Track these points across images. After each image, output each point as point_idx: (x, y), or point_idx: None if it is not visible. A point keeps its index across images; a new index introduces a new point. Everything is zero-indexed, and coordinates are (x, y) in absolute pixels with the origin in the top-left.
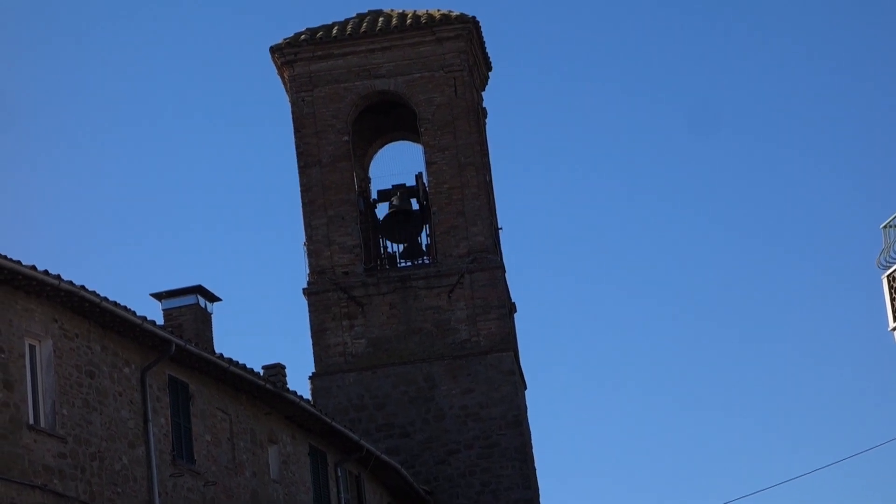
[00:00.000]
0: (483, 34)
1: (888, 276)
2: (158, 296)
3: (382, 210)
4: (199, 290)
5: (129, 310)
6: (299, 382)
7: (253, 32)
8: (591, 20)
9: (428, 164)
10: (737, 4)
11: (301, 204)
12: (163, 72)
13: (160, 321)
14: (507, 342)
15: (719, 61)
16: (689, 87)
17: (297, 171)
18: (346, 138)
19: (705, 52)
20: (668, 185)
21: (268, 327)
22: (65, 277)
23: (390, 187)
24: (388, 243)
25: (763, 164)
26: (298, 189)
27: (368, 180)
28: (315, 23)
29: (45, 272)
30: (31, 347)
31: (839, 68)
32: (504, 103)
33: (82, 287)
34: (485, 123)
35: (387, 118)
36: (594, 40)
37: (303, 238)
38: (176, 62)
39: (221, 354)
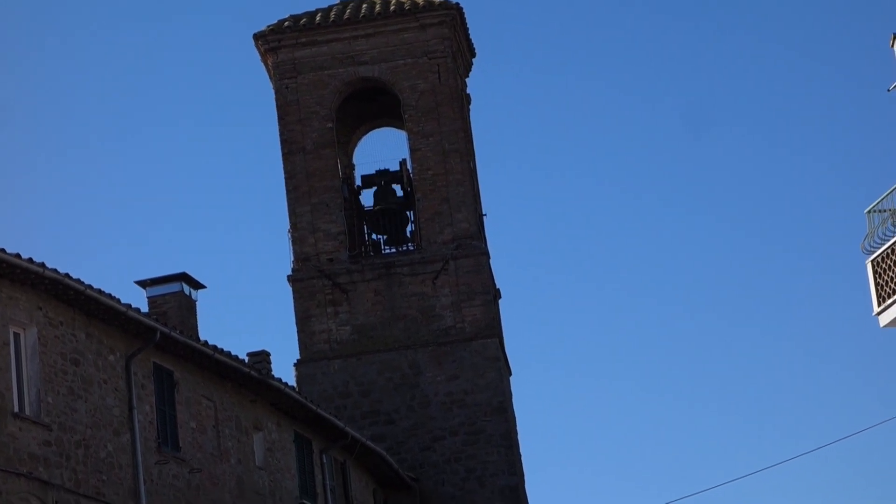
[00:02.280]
0: (467, 20)
1: (873, 261)
2: (143, 283)
3: (367, 197)
4: (183, 277)
5: (114, 297)
6: (284, 369)
7: (236, 19)
8: (576, 5)
9: (412, 150)
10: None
11: (285, 191)
12: (146, 61)
13: (145, 309)
14: (492, 328)
15: (707, 56)
16: (677, 78)
17: (281, 158)
18: (330, 125)
19: (692, 45)
20: (653, 172)
21: (252, 314)
22: (49, 265)
23: (374, 173)
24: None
25: (747, 151)
26: (283, 176)
27: (353, 167)
28: (299, 10)
29: (30, 260)
30: (16, 335)
31: (825, 62)
32: (488, 90)
33: (67, 275)
34: (469, 110)
35: (371, 105)
36: (580, 26)
37: (287, 225)
38: (159, 51)
39: (206, 342)
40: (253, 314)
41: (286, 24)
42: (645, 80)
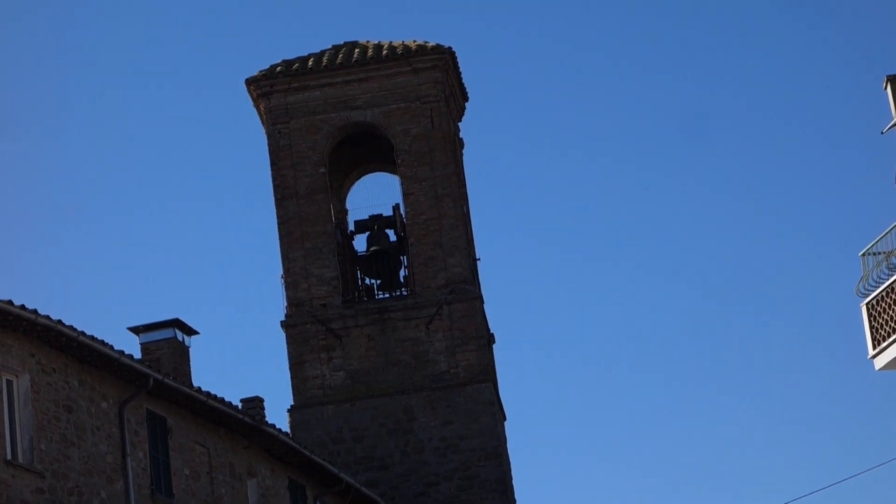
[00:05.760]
0: (459, 65)
1: (868, 304)
2: (136, 329)
3: (360, 242)
4: (176, 323)
5: (107, 344)
6: (278, 415)
7: (228, 65)
8: (566, 52)
9: (405, 195)
10: (724, 14)
11: (278, 236)
12: (138, 106)
13: (138, 355)
14: (486, 373)
15: (702, 97)
16: (668, 122)
17: (273, 203)
18: (322, 170)
19: (686, 91)
20: (645, 219)
21: (246, 360)
22: (42, 312)
23: (367, 218)
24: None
25: (739, 194)
26: (275, 221)
27: (345, 212)
28: (291, 55)
29: (22, 307)
30: (9, 382)
31: (819, 104)
32: (481, 134)
33: (59, 321)
34: (462, 154)
35: (363, 149)
36: (572, 72)
37: (280, 270)
38: (152, 96)
39: (199, 388)
40: (246, 360)
41: (278, 69)
42: (636, 123)
